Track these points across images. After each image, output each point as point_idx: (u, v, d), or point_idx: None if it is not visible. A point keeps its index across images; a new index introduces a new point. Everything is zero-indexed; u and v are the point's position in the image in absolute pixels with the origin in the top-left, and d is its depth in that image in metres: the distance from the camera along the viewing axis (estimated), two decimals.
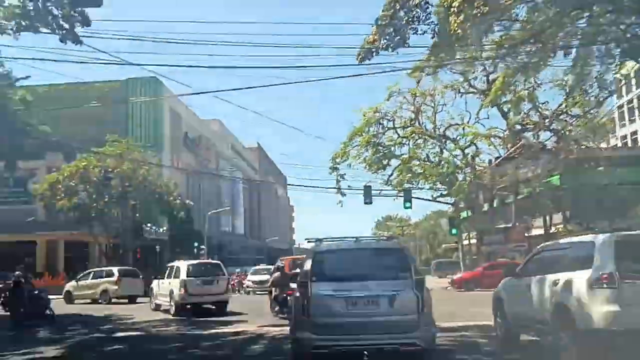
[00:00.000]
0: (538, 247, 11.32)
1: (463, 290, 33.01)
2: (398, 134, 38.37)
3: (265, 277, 30.35)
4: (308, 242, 10.69)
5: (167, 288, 21.11)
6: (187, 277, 20.01)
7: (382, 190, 37.80)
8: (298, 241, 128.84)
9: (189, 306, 20.42)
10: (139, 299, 27.63)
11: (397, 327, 7.86)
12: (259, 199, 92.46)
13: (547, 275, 8.49)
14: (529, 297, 8.98)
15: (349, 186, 36.88)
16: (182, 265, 21.34)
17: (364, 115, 36.86)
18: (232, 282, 32.62)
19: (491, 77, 33.65)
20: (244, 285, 34.73)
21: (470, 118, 40.07)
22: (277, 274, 18.56)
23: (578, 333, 7.31)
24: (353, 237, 9.32)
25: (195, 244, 43.03)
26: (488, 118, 40.68)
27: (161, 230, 43.61)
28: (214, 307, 20.84)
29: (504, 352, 10.01)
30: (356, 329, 7.84)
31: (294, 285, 12.78)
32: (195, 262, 23.02)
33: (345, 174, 36.51)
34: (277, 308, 17.81)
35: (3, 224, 39.58)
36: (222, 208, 69.80)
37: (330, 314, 7.90)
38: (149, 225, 41.31)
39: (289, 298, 15.28)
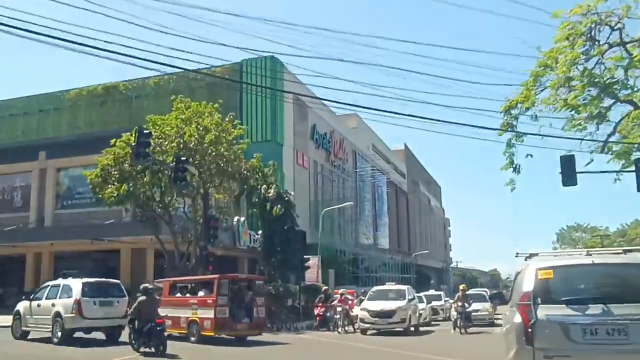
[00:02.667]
0: None
1: None
2: (629, 53, 17.55)
3: (395, 304, 22.86)
4: (517, 256, 8.76)
5: (48, 310, 18.75)
6: (81, 296, 18.18)
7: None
8: (455, 260, 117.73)
9: (79, 332, 18.66)
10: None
11: None
12: (408, 209, 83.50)
13: None
14: None
15: (528, 155, 18.60)
16: (74, 283, 19.07)
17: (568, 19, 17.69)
18: (320, 309, 25.18)
19: None
20: (352, 318, 24.26)
21: None
22: (142, 297, 15.91)
23: None
24: (581, 250, 9.04)
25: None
26: None
27: (256, 235, 36.48)
28: (104, 334, 18.99)
29: None
30: None
31: None
32: (91, 280, 20.04)
33: (522, 139, 17.98)
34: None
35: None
36: (363, 218, 62.45)
37: (562, 345, 6.99)
38: (235, 220, 34.42)
39: None
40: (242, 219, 38.86)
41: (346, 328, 23.84)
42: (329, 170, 57.35)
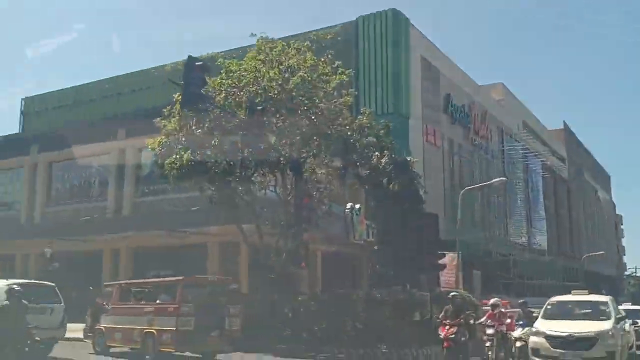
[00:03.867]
0: None
1: None
2: None
3: (594, 325, 14.48)
4: None
5: None
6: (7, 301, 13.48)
7: None
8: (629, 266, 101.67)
9: None
10: None
11: None
12: (569, 201, 71.15)
13: None
14: None
15: None
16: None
17: None
18: (448, 330, 14.52)
19: None
20: (512, 345, 15.32)
21: None
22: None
23: None
24: None
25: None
26: None
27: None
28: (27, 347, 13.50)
29: None
30: None
31: None
32: (19, 281, 17.00)
33: None
34: None
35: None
36: (513, 210, 52.56)
37: None
38: (348, 207, 26.38)
39: None
40: (357, 206, 31.19)
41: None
42: (468, 151, 48.09)
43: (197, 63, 15.42)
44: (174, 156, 20.01)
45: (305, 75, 19.74)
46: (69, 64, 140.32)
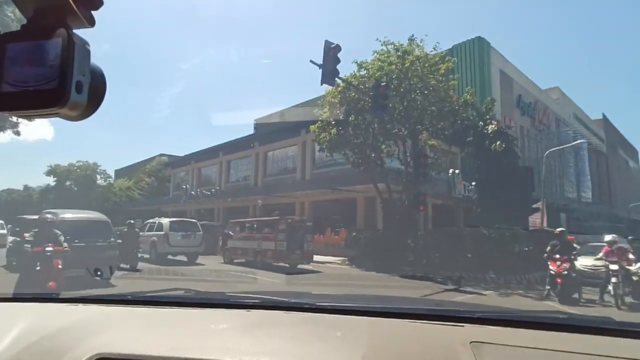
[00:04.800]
0: None
1: None
2: None
3: None
4: None
5: (148, 241, 15.66)
6: (170, 231, 15.46)
7: None
8: None
9: (169, 256, 15.61)
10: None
11: None
12: (607, 171, 55.89)
13: None
14: None
15: None
16: (164, 221, 16.42)
17: None
18: (561, 265, 8.94)
19: None
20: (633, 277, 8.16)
21: None
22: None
23: None
24: None
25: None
26: None
27: (470, 186, 21.57)
28: (186, 258, 15.50)
29: None
30: None
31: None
32: (175, 219, 16.94)
33: None
34: None
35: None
36: (566, 174, 41.45)
37: None
38: (450, 172, 20.39)
39: None
40: (457, 171, 24.86)
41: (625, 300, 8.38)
42: (533, 134, 38.10)
43: (331, 46, 10.90)
44: (325, 134, 15.70)
45: (420, 55, 14.24)
46: None
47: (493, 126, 16.51)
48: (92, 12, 0.70)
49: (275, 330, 1.24)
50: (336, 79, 13.33)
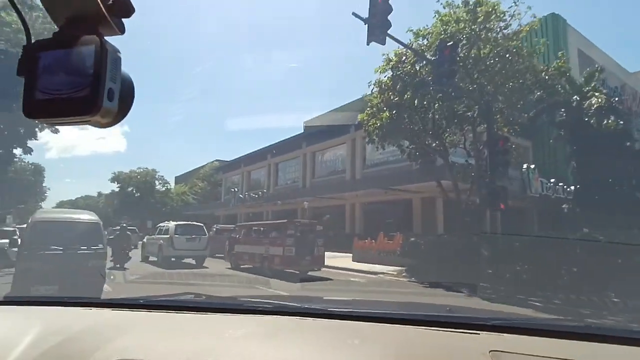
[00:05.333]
0: None
1: None
2: None
3: None
4: None
5: (156, 244, 16.46)
6: (174, 234, 15.72)
7: None
8: None
9: (173, 259, 15.71)
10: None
11: None
12: None
13: None
14: None
15: None
16: (171, 225, 16.55)
17: None
18: None
19: None
20: None
21: None
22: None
23: None
24: None
25: None
26: None
27: (549, 183, 17.37)
28: (194, 261, 15.80)
29: None
30: None
31: None
32: (181, 223, 16.99)
33: None
34: None
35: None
36: None
37: None
38: (524, 168, 16.42)
39: None
40: (532, 166, 20.95)
41: None
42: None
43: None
44: (375, 120, 13.12)
45: (495, 10, 11.12)
46: None
47: (599, 99, 12.67)
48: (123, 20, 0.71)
49: (291, 338, 1.24)
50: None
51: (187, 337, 1.25)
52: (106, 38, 0.68)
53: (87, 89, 0.63)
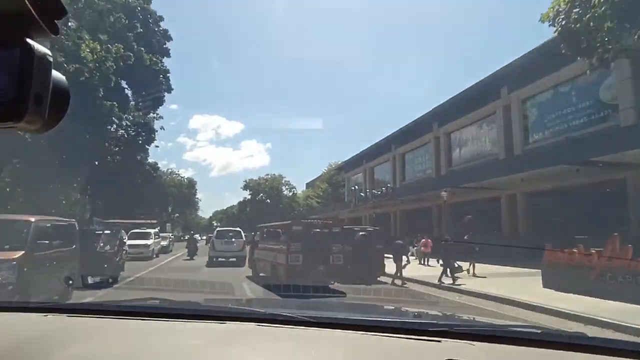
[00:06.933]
0: None
1: None
2: None
3: None
4: None
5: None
6: (215, 238, 17.96)
7: None
8: None
9: (214, 258, 17.18)
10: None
11: None
12: None
13: None
14: None
15: None
16: (216, 230, 19.84)
17: None
18: None
19: None
20: None
21: None
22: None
23: None
24: None
25: None
26: None
27: None
28: (235, 259, 17.00)
29: None
30: None
31: None
32: (222, 228, 20.56)
33: None
34: None
35: None
36: None
37: None
38: None
39: None
40: None
41: None
42: None
43: None
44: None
45: None
46: None
47: None
48: (56, 21, 0.66)
49: (247, 346, 1.23)
50: None
51: (144, 344, 1.25)
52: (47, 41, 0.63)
53: (11, 94, 0.59)
